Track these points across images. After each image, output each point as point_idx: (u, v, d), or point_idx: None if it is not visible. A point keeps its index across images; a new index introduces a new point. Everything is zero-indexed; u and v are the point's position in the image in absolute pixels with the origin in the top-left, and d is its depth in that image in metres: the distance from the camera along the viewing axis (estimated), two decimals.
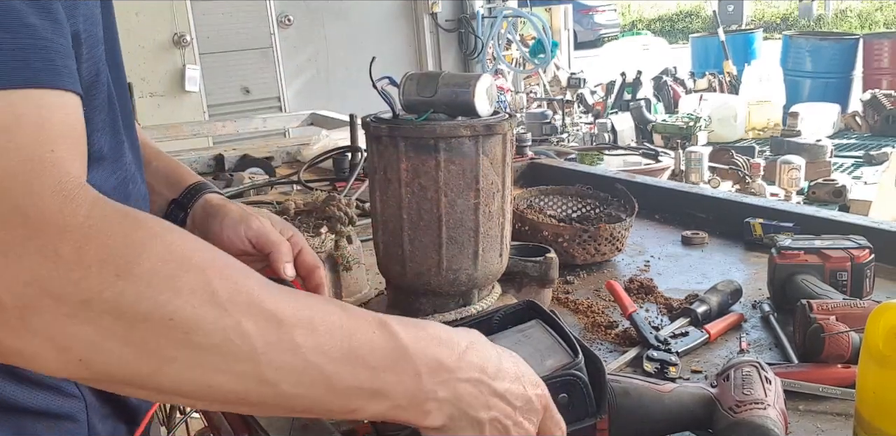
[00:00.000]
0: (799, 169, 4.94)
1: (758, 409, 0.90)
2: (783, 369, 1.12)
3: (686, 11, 21.19)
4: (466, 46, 7.40)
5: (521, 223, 1.67)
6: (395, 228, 1.23)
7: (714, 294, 1.39)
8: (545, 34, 7.80)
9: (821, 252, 1.38)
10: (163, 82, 5.43)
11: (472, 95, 1.17)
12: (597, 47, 14.93)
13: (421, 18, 7.07)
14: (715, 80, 8.92)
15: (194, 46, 5.52)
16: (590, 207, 1.86)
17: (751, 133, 7.91)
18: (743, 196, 2.02)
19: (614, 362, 1.23)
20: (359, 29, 6.77)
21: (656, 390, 0.96)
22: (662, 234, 1.89)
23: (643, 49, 10.59)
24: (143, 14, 5.24)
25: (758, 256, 1.66)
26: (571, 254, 1.63)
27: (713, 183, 5.07)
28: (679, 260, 1.71)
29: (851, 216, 1.74)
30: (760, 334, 1.32)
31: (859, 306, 1.18)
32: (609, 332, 1.35)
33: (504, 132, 1.21)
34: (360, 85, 6.89)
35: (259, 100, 6.03)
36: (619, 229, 1.66)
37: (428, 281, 1.24)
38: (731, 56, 9.52)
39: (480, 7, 7.39)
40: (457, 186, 1.19)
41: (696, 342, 1.27)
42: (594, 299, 1.50)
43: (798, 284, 1.35)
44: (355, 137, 2.54)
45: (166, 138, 3.64)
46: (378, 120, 1.22)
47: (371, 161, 1.24)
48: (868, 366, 0.90)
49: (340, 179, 2.40)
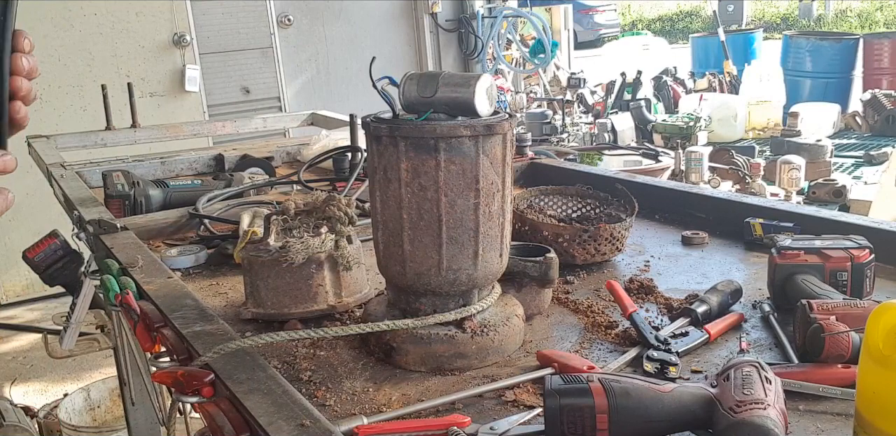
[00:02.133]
0: (799, 169, 4.93)
1: (758, 409, 0.90)
2: (783, 369, 1.12)
3: (686, 11, 21.18)
4: (466, 46, 7.40)
5: (521, 223, 1.67)
6: (395, 228, 1.23)
7: (714, 294, 1.39)
8: (545, 34, 7.80)
9: (821, 252, 1.38)
10: (163, 82, 5.43)
11: (472, 95, 1.17)
12: (597, 47, 14.93)
13: (421, 18, 7.07)
14: (715, 80, 8.91)
15: (194, 46, 5.53)
16: (590, 207, 1.86)
17: (751, 133, 7.91)
18: (743, 196, 2.02)
19: (614, 361, 1.23)
20: (359, 29, 6.77)
21: (656, 390, 0.96)
22: (662, 234, 1.89)
23: (643, 49, 10.58)
24: (143, 14, 5.25)
25: (758, 256, 1.66)
26: (571, 254, 1.63)
27: (713, 183, 5.06)
28: (679, 260, 1.71)
29: (851, 216, 1.74)
30: (760, 333, 1.32)
31: (859, 306, 1.18)
32: (609, 332, 1.35)
33: (504, 132, 1.21)
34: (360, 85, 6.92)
35: (259, 100, 6.04)
36: (619, 229, 1.66)
37: (428, 281, 1.24)
38: (731, 56, 9.51)
39: (480, 7, 7.39)
40: (457, 186, 1.19)
41: (696, 342, 1.27)
42: (594, 299, 1.50)
43: (798, 284, 1.35)
44: (355, 137, 2.54)
45: (166, 138, 3.64)
46: (378, 120, 1.22)
47: (371, 161, 1.24)
48: (868, 366, 0.90)
49: (340, 179, 2.40)
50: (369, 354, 1.31)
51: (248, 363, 1.13)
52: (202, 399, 1.11)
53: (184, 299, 1.41)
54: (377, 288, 1.53)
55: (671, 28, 20.09)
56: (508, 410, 1.12)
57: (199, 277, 1.75)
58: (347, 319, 1.47)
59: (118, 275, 1.56)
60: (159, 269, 1.61)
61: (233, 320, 1.45)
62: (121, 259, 1.64)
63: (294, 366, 1.27)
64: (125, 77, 5.04)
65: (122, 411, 2.70)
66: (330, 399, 1.17)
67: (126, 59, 5.26)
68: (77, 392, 3.36)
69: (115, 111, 3.46)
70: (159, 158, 2.85)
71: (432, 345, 1.24)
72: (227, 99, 5.90)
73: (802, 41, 9.33)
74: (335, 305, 1.46)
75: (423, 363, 1.25)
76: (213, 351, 1.14)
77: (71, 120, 4.93)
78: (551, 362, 1.20)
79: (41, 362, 4.32)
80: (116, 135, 3.43)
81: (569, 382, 0.97)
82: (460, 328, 1.26)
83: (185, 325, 1.29)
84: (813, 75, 8.98)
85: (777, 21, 19.26)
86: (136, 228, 1.94)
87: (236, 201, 2.24)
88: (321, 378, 1.23)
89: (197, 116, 5.45)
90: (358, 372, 1.26)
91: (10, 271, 5.10)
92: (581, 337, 1.35)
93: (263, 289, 1.45)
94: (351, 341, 1.36)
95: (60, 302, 4.82)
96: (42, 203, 4.22)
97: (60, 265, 2.27)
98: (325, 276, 1.45)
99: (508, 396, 1.15)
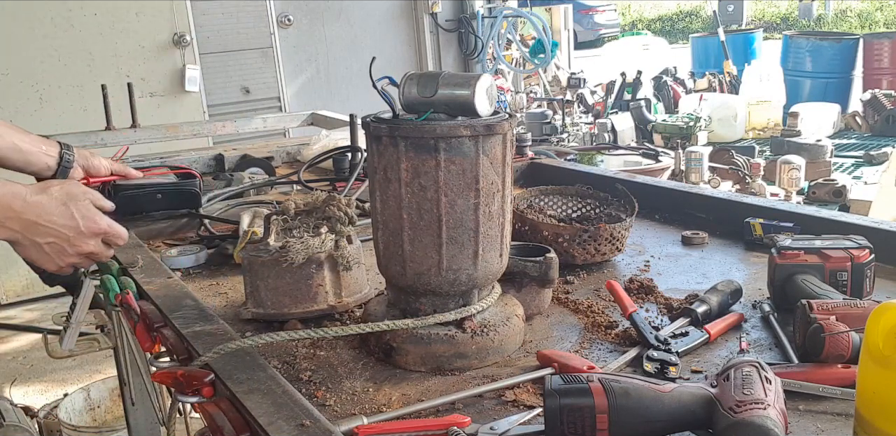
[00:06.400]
0: (799, 169, 4.93)
1: (758, 409, 0.90)
2: (783, 369, 1.12)
3: (686, 11, 21.18)
4: (466, 46, 7.40)
5: (521, 223, 1.67)
6: (395, 228, 1.23)
7: (714, 294, 1.39)
8: (545, 34, 7.80)
9: (821, 252, 1.38)
10: (163, 82, 5.43)
11: (472, 95, 1.17)
12: (597, 47, 14.92)
13: (421, 18, 7.07)
14: (715, 80, 8.91)
15: (194, 46, 5.52)
16: (590, 207, 1.86)
17: (751, 133, 7.91)
18: (743, 196, 2.02)
19: (614, 362, 1.23)
20: (359, 29, 6.78)
21: (656, 390, 0.96)
22: (662, 234, 1.89)
23: (643, 49, 10.58)
24: (143, 14, 5.24)
25: (758, 256, 1.66)
26: (571, 254, 1.63)
27: (713, 183, 5.06)
28: (679, 260, 1.71)
29: (851, 216, 1.74)
30: (760, 334, 1.32)
31: (859, 306, 1.18)
32: (609, 332, 1.35)
33: (504, 132, 1.21)
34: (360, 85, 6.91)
35: (259, 100, 6.03)
36: (619, 229, 1.66)
37: (428, 281, 1.24)
38: (731, 56, 9.51)
39: (480, 7, 7.39)
40: (457, 186, 1.19)
41: (696, 342, 1.27)
42: (594, 299, 1.50)
43: (798, 284, 1.35)
44: (355, 137, 2.54)
45: (166, 138, 3.64)
46: (378, 120, 1.22)
47: (371, 161, 1.24)
48: (868, 366, 0.90)
49: (340, 179, 2.40)
50: (369, 354, 1.31)
51: (248, 363, 1.13)
52: (202, 399, 1.11)
53: (184, 299, 1.41)
54: (377, 288, 1.53)
55: (671, 28, 20.10)
56: (508, 410, 1.12)
57: (199, 277, 1.75)
58: (347, 319, 1.47)
59: (118, 275, 1.56)
60: (159, 269, 1.61)
61: (233, 320, 1.45)
62: (121, 259, 1.64)
63: (294, 366, 1.27)
64: (125, 77, 5.03)
65: (122, 411, 2.70)
66: (330, 399, 1.17)
67: (126, 59, 5.26)
68: (77, 392, 3.36)
69: (115, 111, 3.46)
70: (159, 158, 2.84)
71: (432, 345, 1.24)
72: (227, 99, 5.90)
73: (802, 41, 9.33)
74: (335, 305, 1.46)
75: (423, 363, 1.25)
76: (213, 351, 1.14)
77: (71, 120, 4.92)
78: (551, 362, 1.20)
79: (41, 362, 4.32)
80: (116, 135, 3.43)
81: (569, 382, 0.97)
82: (460, 328, 1.26)
83: (185, 325, 1.29)
84: (813, 75, 8.98)
85: (777, 21, 19.27)
86: (135, 229, 1.94)
87: (236, 201, 2.24)
88: (321, 378, 1.23)
89: (197, 116, 5.45)
90: (358, 372, 1.26)
91: (9, 271, 5.09)
92: (581, 337, 1.35)
93: (263, 289, 1.45)
94: (351, 341, 1.36)
95: (60, 302, 4.81)
96: None
97: None
98: (325, 276, 1.45)
99: (508, 396, 1.15)
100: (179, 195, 2.03)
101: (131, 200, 1.95)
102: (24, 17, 4.86)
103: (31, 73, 4.97)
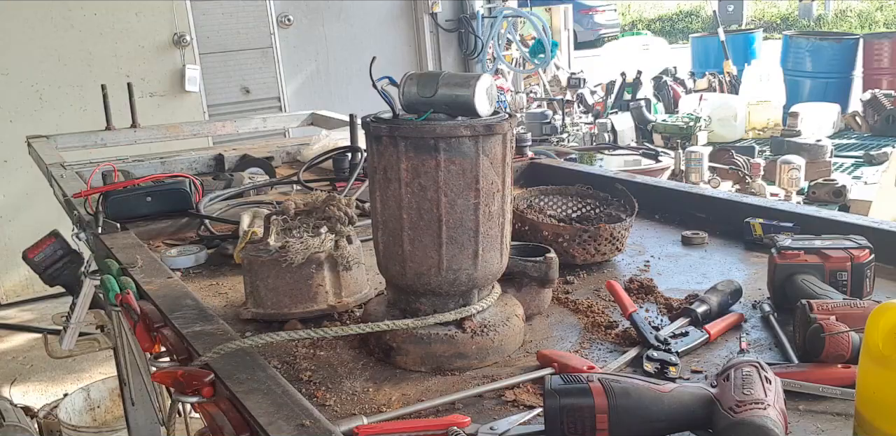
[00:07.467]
0: (799, 169, 4.93)
1: (758, 409, 0.90)
2: (783, 369, 1.12)
3: (686, 11, 21.17)
4: (466, 46, 7.40)
5: (521, 223, 1.67)
6: (395, 228, 1.23)
7: (714, 294, 1.39)
8: (545, 34, 7.80)
9: (821, 252, 1.38)
10: (163, 82, 5.43)
11: (472, 95, 1.17)
12: (597, 47, 14.91)
13: (421, 18, 7.07)
14: (715, 80, 8.90)
15: (194, 46, 5.52)
16: (590, 207, 1.86)
17: (751, 133, 7.90)
18: (743, 196, 2.02)
19: (614, 361, 1.23)
20: (359, 29, 6.77)
21: (656, 390, 0.96)
22: (662, 234, 1.89)
23: (643, 49, 10.57)
24: (143, 14, 5.24)
25: (758, 256, 1.66)
26: (571, 254, 1.63)
27: (713, 183, 5.06)
28: (679, 260, 1.71)
29: (851, 216, 1.74)
30: (760, 334, 1.32)
31: (859, 306, 1.18)
32: (609, 332, 1.35)
33: (504, 132, 1.21)
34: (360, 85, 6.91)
35: (259, 100, 6.03)
36: (619, 229, 1.66)
37: (428, 281, 1.24)
38: (731, 56, 9.50)
39: (480, 7, 7.39)
40: (457, 186, 1.19)
41: (696, 342, 1.27)
42: (594, 299, 1.50)
43: (798, 284, 1.35)
44: (355, 137, 2.54)
45: (166, 138, 3.64)
46: (378, 120, 1.22)
47: (371, 161, 1.24)
48: (868, 366, 0.90)
49: (340, 179, 2.40)
50: (369, 354, 1.31)
51: (248, 363, 1.13)
52: (202, 399, 1.11)
53: (184, 299, 1.41)
54: (377, 288, 1.53)
55: (671, 28, 20.08)
56: (508, 410, 1.12)
57: (199, 277, 1.75)
58: (347, 319, 1.47)
59: (118, 275, 1.56)
60: (159, 269, 1.61)
61: (233, 320, 1.45)
62: (121, 259, 1.64)
63: (294, 366, 1.27)
64: (125, 77, 5.03)
65: (122, 411, 2.70)
66: (330, 399, 1.17)
67: (126, 59, 5.26)
68: (77, 392, 3.36)
69: (115, 111, 3.46)
70: (159, 158, 2.84)
71: (432, 345, 1.24)
72: (226, 99, 5.90)
73: (802, 41, 9.33)
74: (335, 305, 1.46)
75: (422, 363, 1.25)
76: (213, 351, 1.14)
77: (71, 120, 4.93)
78: (551, 362, 1.20)
79: (41, 362, 4.32)
80: (116, 135, 3.43)
81: (569, 382, 0.97)
82: (460, 328, 1.26)
83: (184, 325, 1.29)
84: (813, 75, 8.97)
85: (777, 21, 19.25)
86: (136, 228, 1.94)
87: (236, 201, 2.24)
88: (321, 378, 1.23)
89: (197, 116, 5.45)
90: (358, 372, 1.26)
91: (9, 271, 5.10)
92: (581, 337, 1.35)
93: (263, 289, 1.45)
94: (351, 340, 1.36)
95: (60, 302, 4.82)
96: (42, 203, 4.22)
97: (60, 265, 2.27)
98: (325, 276, 1.45)
99: (508, 396, 1.15)
100: (169, 196, 2.03)
101: (121, 204, 1.95)
102: (24, 17, 4.86)
103: (31, 73, 4.97)
